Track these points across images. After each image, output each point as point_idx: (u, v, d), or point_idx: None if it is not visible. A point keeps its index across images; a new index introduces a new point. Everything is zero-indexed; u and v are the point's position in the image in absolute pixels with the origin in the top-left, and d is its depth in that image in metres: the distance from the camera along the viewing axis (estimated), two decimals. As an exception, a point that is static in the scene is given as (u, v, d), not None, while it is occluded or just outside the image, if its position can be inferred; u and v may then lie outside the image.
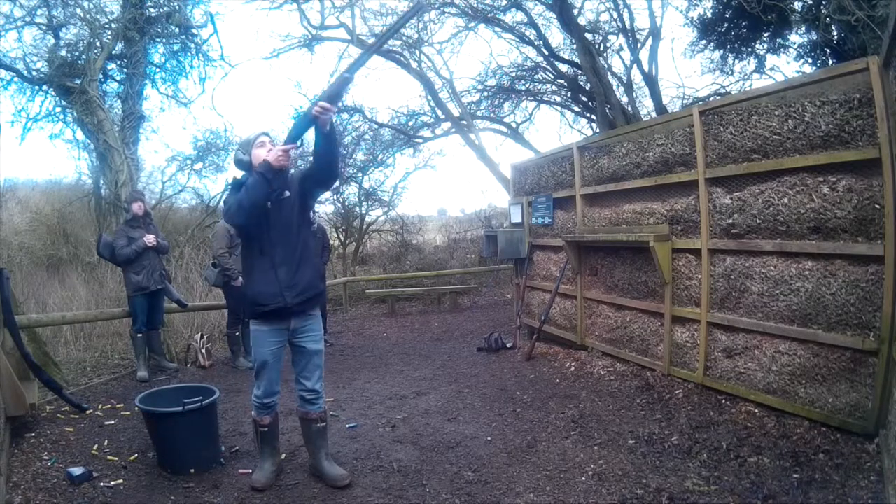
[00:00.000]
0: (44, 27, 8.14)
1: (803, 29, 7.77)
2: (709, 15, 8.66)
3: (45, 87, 8.32)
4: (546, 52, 10.19)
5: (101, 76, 8.18)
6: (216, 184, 13.96)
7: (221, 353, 5.87)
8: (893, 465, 2.11)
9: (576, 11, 9.19)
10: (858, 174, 2.75)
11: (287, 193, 2.58)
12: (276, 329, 2.62)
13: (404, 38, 9.91)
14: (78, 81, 7.70)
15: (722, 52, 9.00)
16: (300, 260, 2.56)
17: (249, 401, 2.82)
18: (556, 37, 10.55)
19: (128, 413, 3.81)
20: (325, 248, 6.52)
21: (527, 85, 11.32)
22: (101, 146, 7.83)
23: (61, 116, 8.68)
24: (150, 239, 4.87)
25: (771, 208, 3.16)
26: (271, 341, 2.63)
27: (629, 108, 9.54)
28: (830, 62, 7.38)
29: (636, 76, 10.15)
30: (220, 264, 5.18)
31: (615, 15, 9.82)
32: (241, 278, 4.96)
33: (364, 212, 13.11)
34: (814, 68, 7.73)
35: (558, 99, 11.61)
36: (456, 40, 10.30)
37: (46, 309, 6.44)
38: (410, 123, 11.70)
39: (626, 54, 10.18)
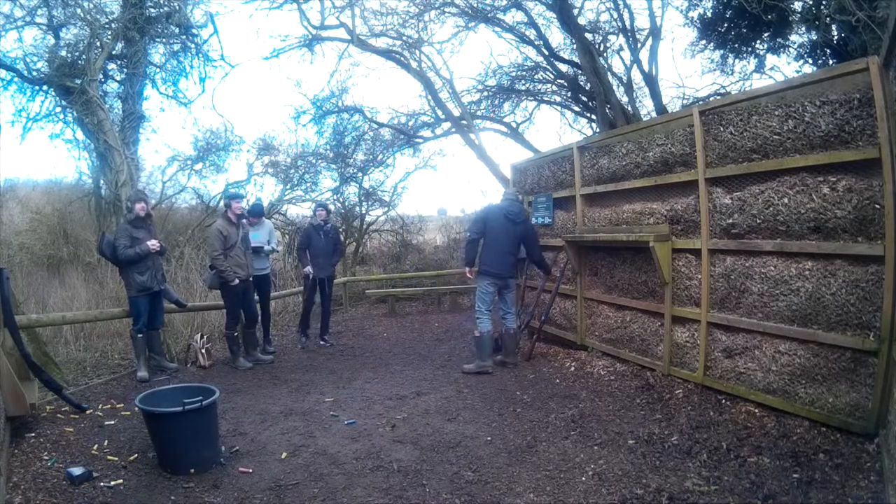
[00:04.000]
0: (44, 27, 8.12)
1: (803, 29, 7.75)
2: (709, 15, 8.64)
3: (45, 87, 8.30)
4: (546, 52, 10.18)
5: (101, 76, 8.15)
6: (216, 184, 13.96)
7: (221, 353, 5.86)
8: (893, 465, 2.11)
9: (576, 11, 9.18)
10: (858, 174, 2.75)
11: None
12: None
13: (404, 38, 9.91)
14: (78, 81, 7.67)
15: (722, 51, 8.98)
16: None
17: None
18: (556, 37, 10.55)
19: (128, 413, 3.81)
20: (335, 249, 6.52)
21: (527, 85, 11.31)
22: (101, 146, 7.80)
23: (61, 116, 8.65)
24: (154, 245, 4.89)
25: (771, 208, 3.16)
26: None
27: (629, 108, 9.53)
28: (830, 62, 7.37)
29: (636, 76, 10.14)
30: (216, 266, 5.21)
31: (615, 15, 9.81)
32: (236, 279, 5.17)
33: (364, 212, 13.10)
34: (814, 68, 7.71)
35: (558, 99, 11.59)
36: (456, 40, 10.31)
37: (46, 309, 6.44)
38: (410, 123, 11.69)
39: (626, 54, 10.17)
